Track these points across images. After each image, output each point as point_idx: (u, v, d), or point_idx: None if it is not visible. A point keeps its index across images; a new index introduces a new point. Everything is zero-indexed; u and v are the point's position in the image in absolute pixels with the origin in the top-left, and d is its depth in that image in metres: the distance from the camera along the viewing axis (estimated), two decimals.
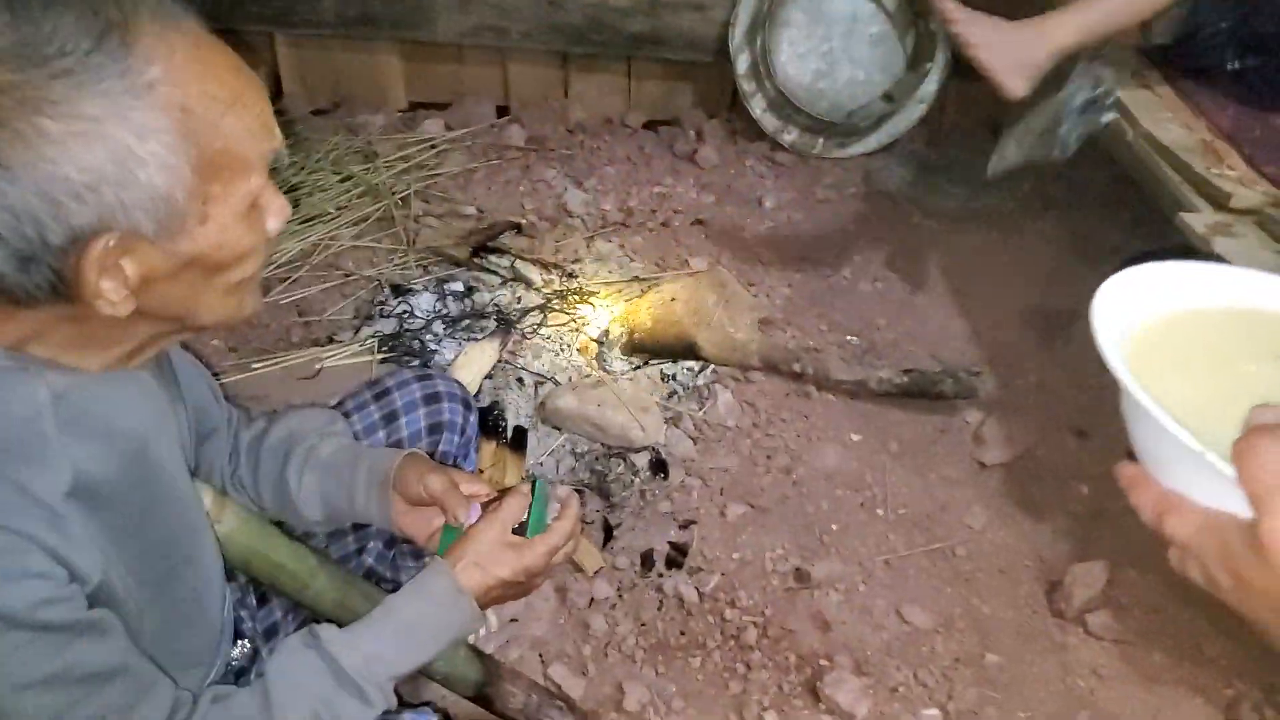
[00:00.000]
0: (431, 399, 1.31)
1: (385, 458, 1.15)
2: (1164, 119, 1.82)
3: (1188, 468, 0.56)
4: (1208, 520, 0.56)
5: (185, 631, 0.98)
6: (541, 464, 1.96)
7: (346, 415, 1.29)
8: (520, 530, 1.08)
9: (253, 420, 1.24)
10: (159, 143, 0.73)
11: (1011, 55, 1.68)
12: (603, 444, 1.99)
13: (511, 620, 1.68)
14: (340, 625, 1.00)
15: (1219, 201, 1.67)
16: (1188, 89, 1.93)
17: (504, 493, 1.12)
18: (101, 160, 0.71)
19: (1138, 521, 2.00)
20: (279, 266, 2.38)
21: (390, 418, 1.30)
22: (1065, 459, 2.02)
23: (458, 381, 1.39)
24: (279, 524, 1.20)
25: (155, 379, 0.96)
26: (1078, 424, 2.09)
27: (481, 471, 1.77)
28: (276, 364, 2.11)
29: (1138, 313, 0.68)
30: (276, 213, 0.86)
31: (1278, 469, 0.51)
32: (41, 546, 0.76)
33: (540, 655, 1.64)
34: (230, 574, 1.16)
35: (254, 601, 1.22)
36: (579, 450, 2.00)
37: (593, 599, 1.73)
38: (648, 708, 1.58)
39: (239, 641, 1.16)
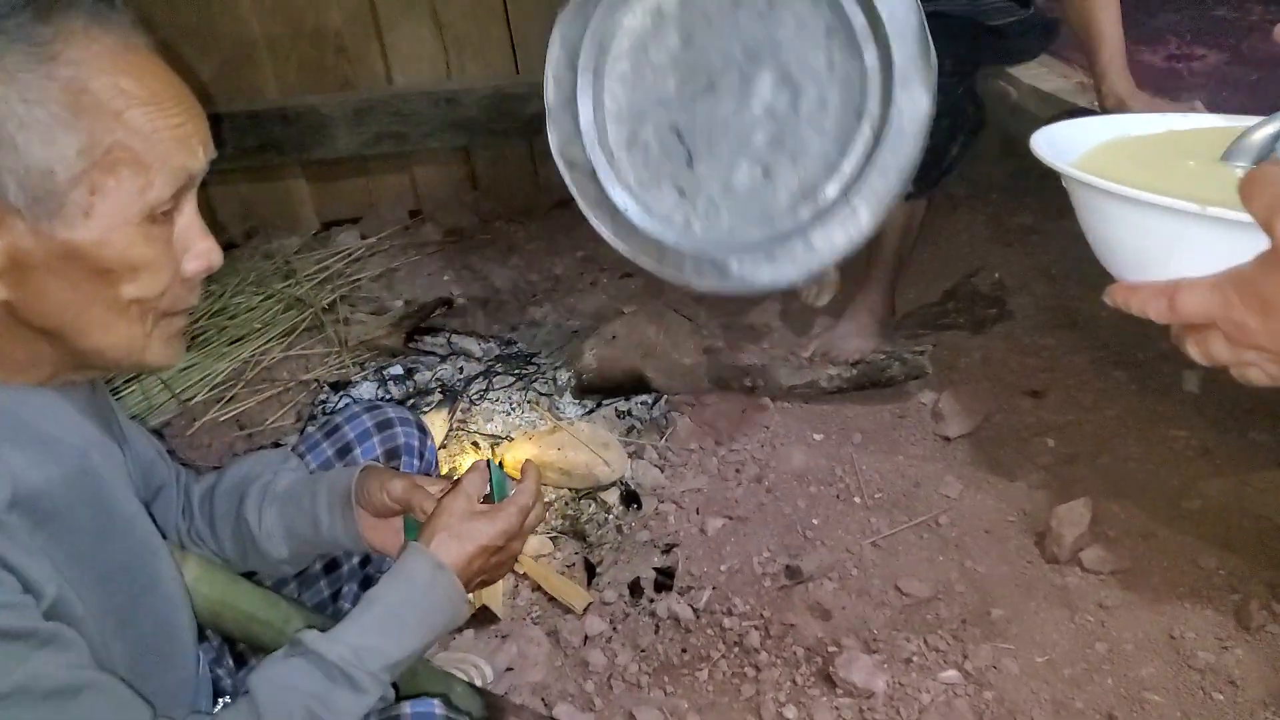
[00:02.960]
0: (384, 425, 1.28)
1: (343, 475, 1.12)
2: (1040, 74, 1.91)
3: (1189, 236, 0.55)
4: (1218, 278, 0.53)
5: (158, 670, 0.92)
6: None
7: (300, 457, 1.25)
8: (486, 502, 1.05)
9: (203, 476, 1.20)
10: (45, 111, 0.71)
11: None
12: (569, 489, 1.95)
13: (508, 670, 1.60)
14: None
15: None
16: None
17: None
18: None
19: (1109, 458, 2.02)
20: (213, 387, 2.34)
21: (344, 450, 1.26)
22: (1024, 419, 2.04)
23: (410, 409, 1.36)
24: (248, 576, 1.14)
25: (90, 407, 0.92)
26: (1029, 386, 2.12)
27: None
28: None
29: (1078, 144, 0.71)
30: (200, 255, 0.83)
31: None
32: None
33: (543, 699, 1.56)
34: (204, 634, 1.11)
35: (231, 662, 1.15)
36: (546, 500, 1.95)
37: (586, 636, 1.67)
38: None
39: (218, 700, 1.09)
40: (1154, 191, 0.55)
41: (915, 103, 1.38)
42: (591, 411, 2.10)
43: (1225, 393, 2.00)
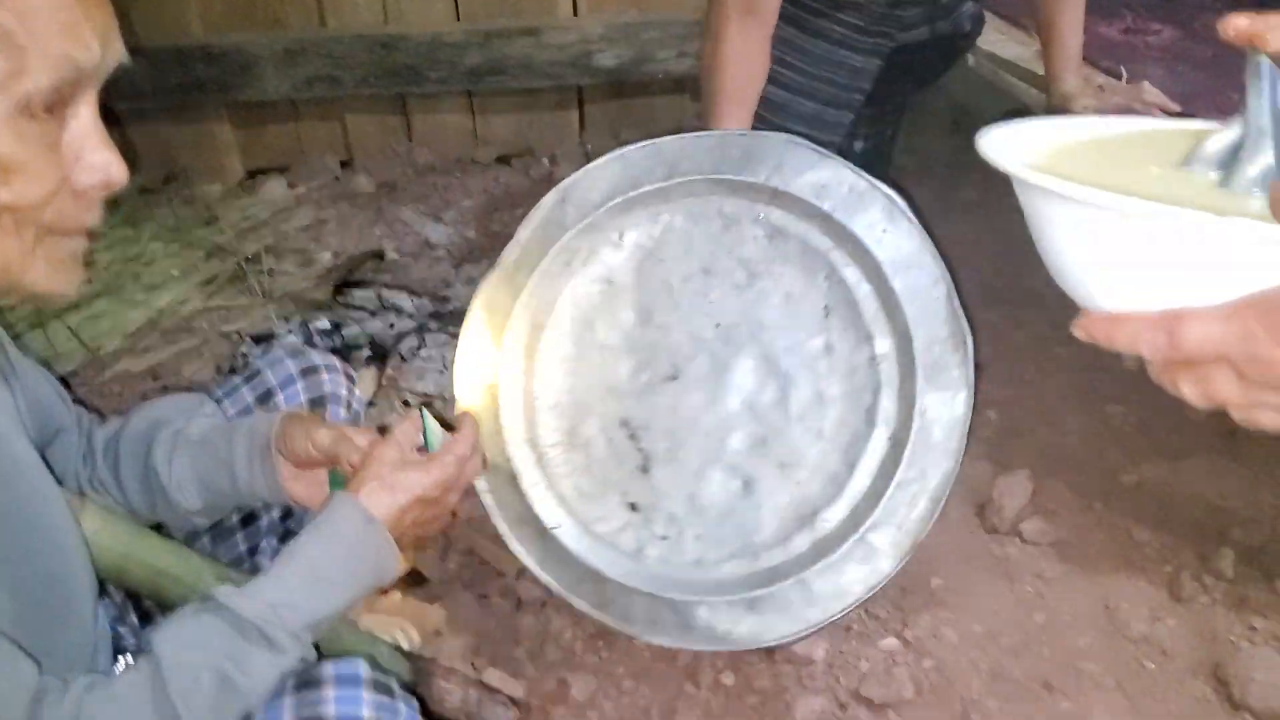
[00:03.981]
0: (310, 371, 1.20)
1: (263, 421, 1.04)
2: (999, 40, 1.89)
3: (1199, 255, 0.46)
4: (1235, 306, 0.45)
5: (49, 626, 0.84)
6: None
7: (217, 403, 1.17)
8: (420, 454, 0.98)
9: (108, 421, 1.10)
10: None
11: None
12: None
13: (436, 634, 1.54)
14: None
15: None
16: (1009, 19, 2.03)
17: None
18: None
19: (1049, 432, 2.00)
20: (126, 336, 2.21)
21: (265, 397, 1.18)
22: None
23: (337, 356, 1.28)
24: (156, 528, 1.06)
25: None
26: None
27: None
28: None
29: (1027, 149, 0.64)
30: (95, 167, 0.73)
31: None
32: None
33: (473, 664, 1.50)
34: (105, 590, 1.02)
35: (135, 619, 1.06)
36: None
37: (520, 600, 1.61)
38: (597, 694, 1.45)
39: (120, 659, 1.01)
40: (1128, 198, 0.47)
41: (948, 404, 1.07)
42: None
43: None
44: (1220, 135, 0.56)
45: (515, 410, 1.12)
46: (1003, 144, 0.62)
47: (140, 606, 1.07)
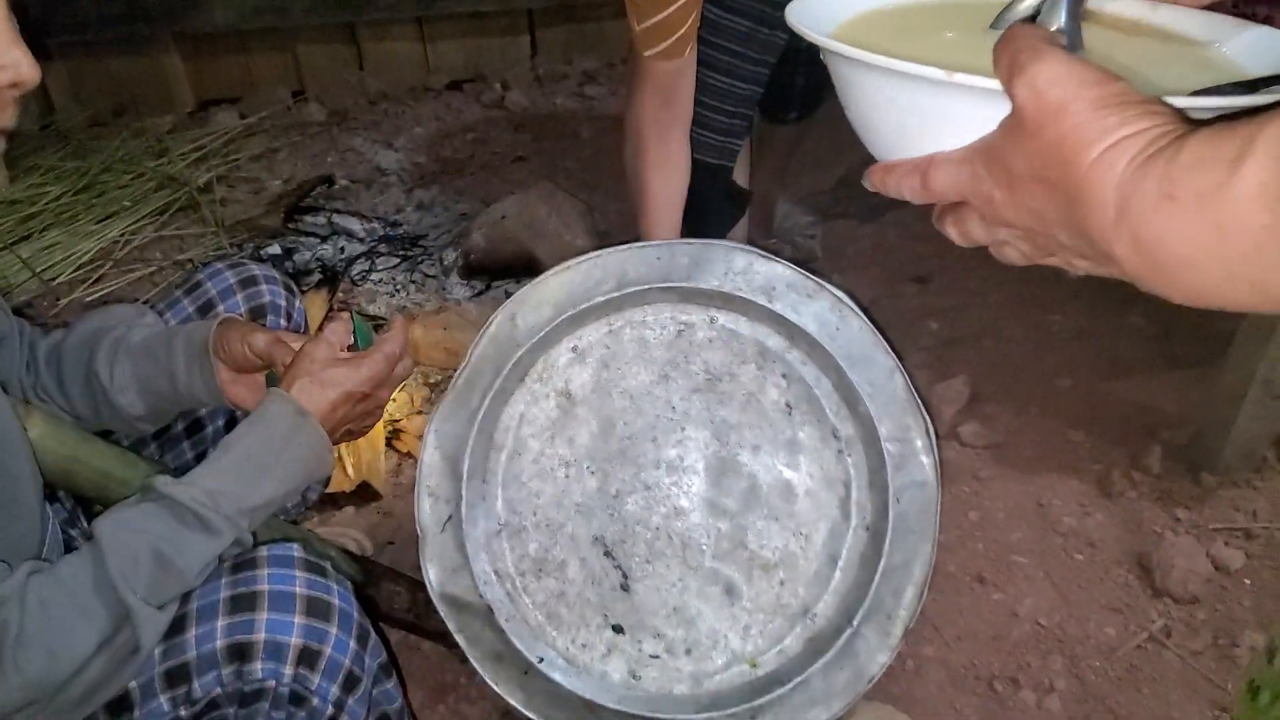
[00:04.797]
0: (249, 282, 1.22)
1: (201, 327, 1.06)
2: None
3: (939, 108, 0.51)
4: (967, 151, 0.50)
5: None
6: (394, 399, 1.86)
7: (160, 314, 1.18)
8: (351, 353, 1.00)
9: (50, 332, 1.12)
10: None
11: None
12: (456, 369, 1.90)
13: (389, 544, 1.58)
14: None
15: None
16: None
17: None
18: None
19: (990, 341, 2.03)
20: (79, 267, 2.21)
21: (206, 307, 1.19)
22: (910, 303, 2.06)
23: (276, 268, 1.29)
24: (104, 435, 1.08)
25: None
26: (915, 272, 2.14)
27: None
28: None
29: (839, 13, 0.66)
30: (3, 66, 0.72)
31: (1032, 35, 0.46)
32: None
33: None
34: (55, 495, 1.05)
35: (85, 524, 1.09)
36: (432, 380, 1.91)
37: None
38: None
39: None
40: (905, 60, 0.50)
41: (920, 490, 1.15)
42: (480, 293, 2.05)
43: (1105, 281, 2.05)
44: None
45: (479, 540, 1.09)
46: (816, 5, 0.64)
47: (90, 512, 1.10)
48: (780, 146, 2.08)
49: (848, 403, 1.16)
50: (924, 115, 0.52)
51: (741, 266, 1.15)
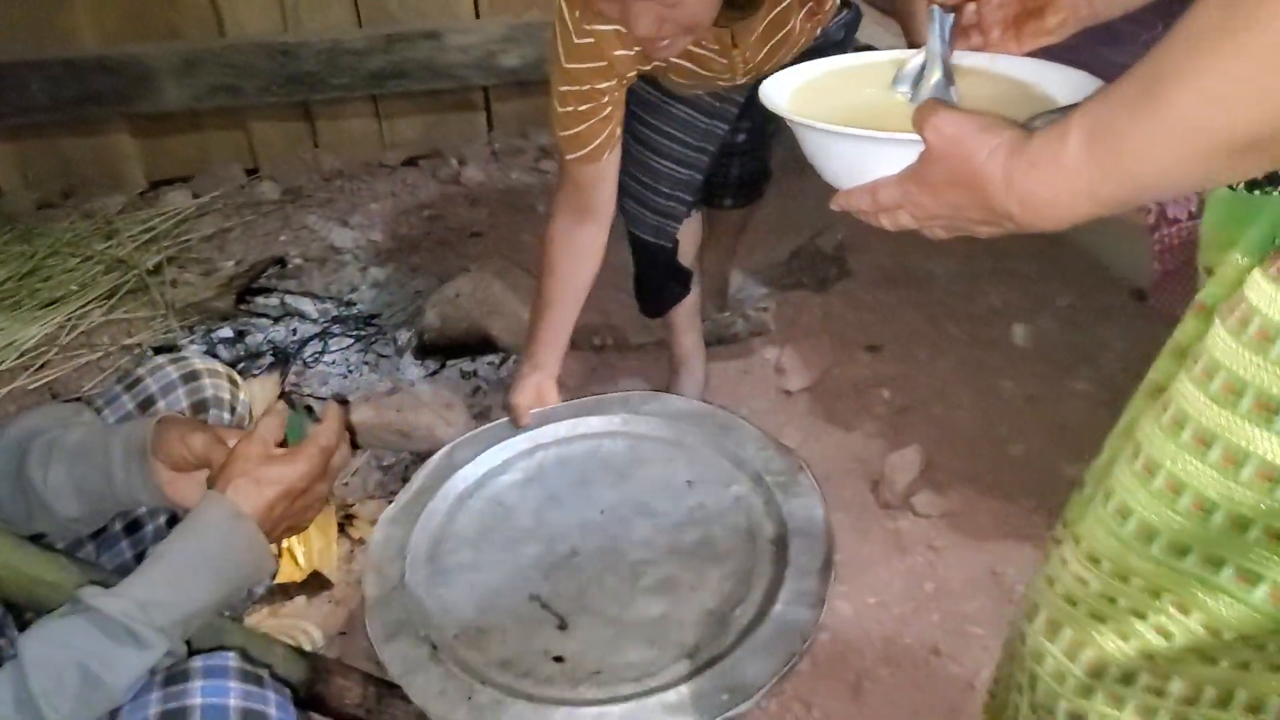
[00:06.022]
0: (190, 377, 1.21)
1: (139, 426, 1.04)
2: (876, 31, 1.95)
3: (878, 153, 0.76)
4: (901, 175, 0.75)
5: None
6: (347, 484, 1.84)
7: (98, 411, 1.17)
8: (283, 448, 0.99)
9: None
10: None
11: None
12: (410, 451, 1.89)
13: (341, 634, 1.55)
14: None
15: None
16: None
17: None
18: None
19: (941, 408, 2.05)
20: (22, 354, 2.17)
21: (147, 404, 1.18)
22: (861, 372, 2.08)
23: (220, 360, 1.28)
24: (36, 538, 1.05)
25: None
26: (867, 340, 2.17)
27: None
28: None
29: (789, 85, 0.94)
30: None
31: (929, 102, 0.72)
32: None
33: (378, 663, 1.51)
34: None
35: (16, 632, 1.06)
36: (385, 464, 1.89)
37: None
38: None
39: None
40: (850, 123, 0.77)
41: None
42: (435, 373, 2.05)
43: (1051, 346, 2.09)
44: (913, 61, 0.89)
45: (421, 602, 1.31)
46: (777, 82, 0.93)
47: (22, 619, 1.07)
48: (729, 225, 2.11)
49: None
50: (866, 159, 0.78)
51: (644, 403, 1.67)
